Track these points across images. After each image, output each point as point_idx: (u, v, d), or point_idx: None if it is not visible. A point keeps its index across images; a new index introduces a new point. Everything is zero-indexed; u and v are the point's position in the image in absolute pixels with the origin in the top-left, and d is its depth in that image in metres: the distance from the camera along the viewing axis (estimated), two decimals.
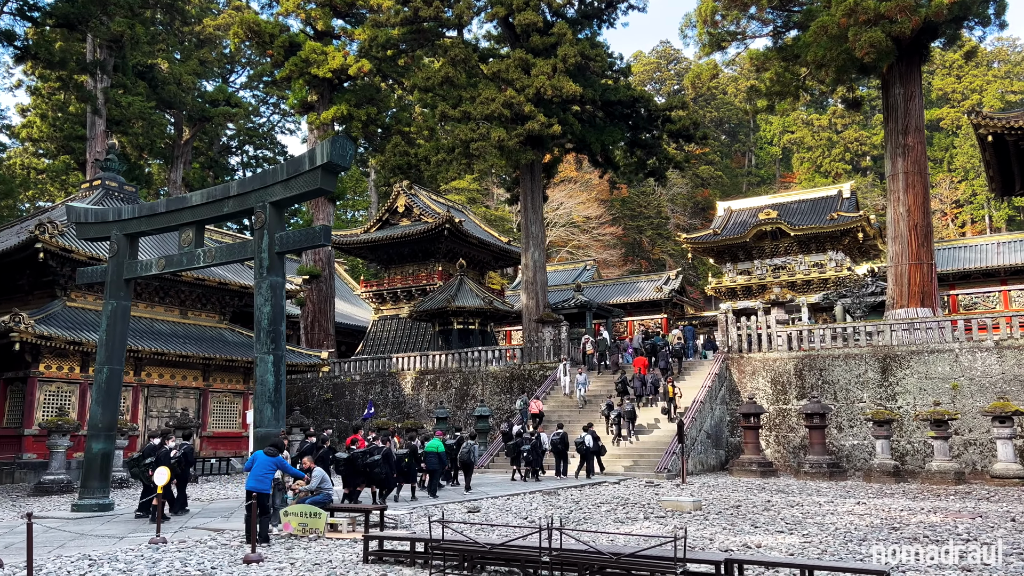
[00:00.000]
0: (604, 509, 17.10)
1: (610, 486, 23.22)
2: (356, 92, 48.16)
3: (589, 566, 8.13)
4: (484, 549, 8.84)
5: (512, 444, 24.25)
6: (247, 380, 35.85)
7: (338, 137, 14.62)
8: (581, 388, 30.67)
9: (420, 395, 37.33)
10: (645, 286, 53.18)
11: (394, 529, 13.61)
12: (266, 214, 15.31)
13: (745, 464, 27.69)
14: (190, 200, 16.53)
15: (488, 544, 8.89)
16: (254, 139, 75.01)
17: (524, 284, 39.86)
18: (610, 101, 40.24)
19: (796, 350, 30.33)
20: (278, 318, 15.09)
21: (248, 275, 36.71)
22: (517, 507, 17.62)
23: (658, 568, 7.75)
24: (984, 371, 26.89)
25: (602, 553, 8.15)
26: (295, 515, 12.88)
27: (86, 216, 18.23)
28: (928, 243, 31.83)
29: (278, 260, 15.34)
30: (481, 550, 8.88)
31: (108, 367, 17.33)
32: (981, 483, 24.10)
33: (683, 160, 43.27)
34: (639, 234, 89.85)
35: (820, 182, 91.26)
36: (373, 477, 17.04)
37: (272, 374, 14.83)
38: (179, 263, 16.71)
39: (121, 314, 17.64)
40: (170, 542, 12.27)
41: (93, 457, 17.02)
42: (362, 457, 16.94)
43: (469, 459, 21.31)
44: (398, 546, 10.82)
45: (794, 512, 16.67)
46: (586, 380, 30.86)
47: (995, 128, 30.81)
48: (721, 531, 13.59)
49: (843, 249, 49.08)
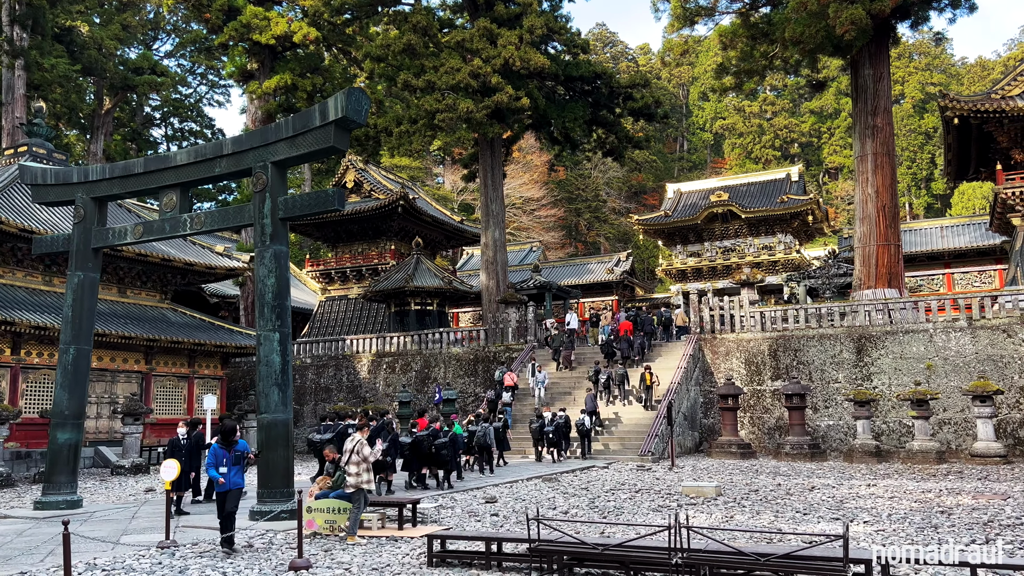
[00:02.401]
0: (623, 496, 16.14)
1: (600, 470, 22.36)
2: (300, 61, 45.79)
3: (731, 569, 7.10)
4: (594, 550, 7.68)
5: (537, 427, 23.94)
6: (192, 363, 33.65)
7: (354, 89, 13.09)
8: (539, 387, 28.51)
9: (377, 378, 35.73)
10: (596, 267, 52.60)
11: (423, 524, 12.31)
12: (267, 175, 13.66)
13: (724, 446, 27.25)
14: (174, 159, 14.68)
15: (600, 544, 7.73)
16: (180, 111, 71.17)
17: (484, 264, 38.60)
18: (572, 77, 39.22)
19: (770, 330, 30.04)
20: (283, 291, 13.50)
21: (193, 251, 34.41)
22: (528, 495, 16.49)
23: (820, 570, 6.77)
24: (958, 351, 27.06)
25: (744, 554, 7.11)
26: (320, 511, 11.45)
27: (45, 177, 16.11)
28: (896, 224, 31.95)
29: (282, 227, 13.71)
30: (590, 551, 7.72)
31: (75, 347, 15.34)
32: (962, 462, 24.20)
33: (643, 139, 42.59)
34: (577, 217, 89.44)
35: (751, 168, 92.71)
36: (440, 460, 17.15)
37: (278, 354, 13.25)
38: (160, 230, 14.84)
39: (89, 287, 15.64)
40: (181, 544, 10.69)
41: (59, 448, 15.07)
42: (428, 441, 16.58)
43: (486, 442, 20.48)
44: (464, 546, 9.57)
45: (819, 496, 16.05)
46: (545, 378, 29.02)
47: (962, 111, 31.13)
48: (775, 520, 12.77)
49: (792, 232, 49.47)
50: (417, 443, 16.70)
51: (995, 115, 30.69)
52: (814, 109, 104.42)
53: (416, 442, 16.69)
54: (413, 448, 16.68)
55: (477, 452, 20.58)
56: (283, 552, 10.27)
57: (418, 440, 16.66)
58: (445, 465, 17.32)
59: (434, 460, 17.12)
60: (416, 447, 16.70)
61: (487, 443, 20.52)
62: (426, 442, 16.62)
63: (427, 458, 17.02)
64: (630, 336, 30.01)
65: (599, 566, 7.93)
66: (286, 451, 13.10)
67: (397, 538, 11.12)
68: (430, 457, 16.99)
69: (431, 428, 17.20)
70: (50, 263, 30.15)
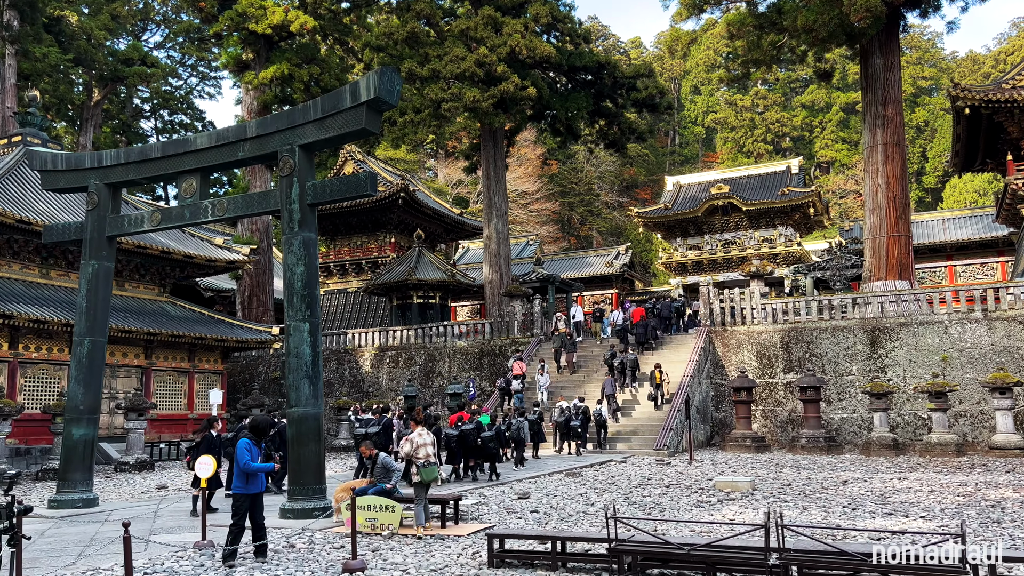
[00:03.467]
0: (656, 491, 15.70)
1: (619, 464, 21.94)
2: (296, 51, 45.00)
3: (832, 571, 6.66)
4: (679, 551, 7.21)
5: (563, 420, 23.86)
6: (192, 358, 32.99)
7: (386, 68, 12.53)
8: (542, 391, 28.08)
9: (380, 372, 35.16)
10: (595, 260, 52.17)
11: (465, 522, 11.81)
12: (295, 159, 13.08)
13: (738, 439, 26.91)
14: (194, 143, 14.06)
15: (686, 544, 7.26)
16: (170, 103, 70.05)
17: (487, 256, 38.09)
18: (575, 67, 38.73)
19: (781, 323, 29.70)
20: (312, 280, 12.94)
21: (192, 243, 33.71)
22: (558, 491, 16.02)
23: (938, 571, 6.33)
24: (974, 343, 26.81)
25: (849, 554, 6.66)
26: (360, 508, 10.91)
27: (55, 162, 15.45)
28: (906, 215, 31.69)
29: (310, 213, 13.15)
30: (675, 552, 7.24)
31: (90, 339, 14.72)
32: (980, 455, 23.94)
33: (646, 131, 42.15)
34: (570, 211, 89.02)
35: (743, 162, 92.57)
36: (487, 452, 17.27)
37: (309, 345, 12.69)
38: (180, 217, 14.23)
39: (104, 277, 15.01)
40: (217, 544, 10.14)
41: (74, 444, 14.46)
42: (474, 433, 16.65)
43: (519, 435, 20.33)
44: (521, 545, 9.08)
45: (856, 490, 15.69)
46: (547, 381, 28.48)
47: (973, 100, 30.88)
48: (826, 516, 12.37)
49: (792, 224, 49.20)
50: (464, 436, 16.83)
51: (1006, 105, 30.44)
52: (806, 103, 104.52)
53: (463, 435, 16.80)
54: (460, 441, 16.82)
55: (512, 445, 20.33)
56: (328, 553, 9.75)
57: (465, 433, 16.78)
58: (492, 457, 17.46)
59: (481, 452, 17.26)
60: (463, 440, 16.84)
61: (521, 436, 20.19)
62: (472, 435, 16.68)
63: (474, 450, 17.22)
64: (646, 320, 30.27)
65: (685, 567, 7.46)
66: (317, 446, 12.57)
67: (444, 537, 10.63)
68: (477, 449, 17.16)
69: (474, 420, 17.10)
70: (47, 255, 29.42)
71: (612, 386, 26.63)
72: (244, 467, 9.20)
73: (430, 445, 11.47)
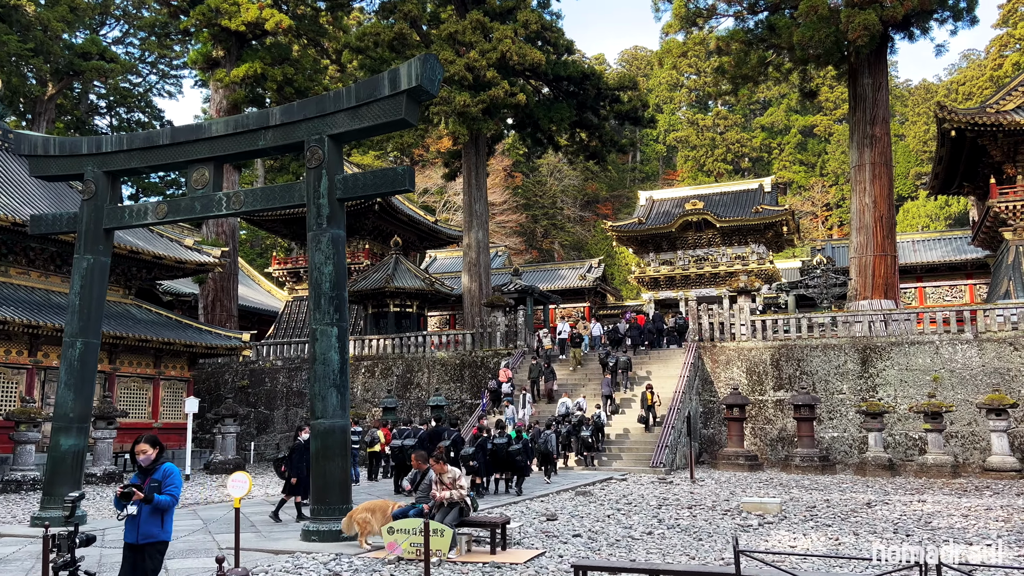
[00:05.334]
0: (686, 513, 14.96)
1: (620, 482, 21.20)
2: (269, 50, 43.69)
3: None
4: None
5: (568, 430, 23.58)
6: (159, 364, 31.36)
7: (429, 56, 11.63)
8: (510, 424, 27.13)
9: (356, 383, 33.88)
10: (568, 273, 51.61)
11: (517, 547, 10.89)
12: (324, 150, 12.08)
13: (731, 457, 26.43)
14: (208, 129, 12.95)
15: None
16: (128, 100, 67.68)
17: (467, 266, 37.19)
18: (559, 76, 38.18)
19: (772, 339, 29.39)
20: (341, 281, 11.93)
21: (162, 244, 32.13)
22: (583, 511, 15.17)
23: None
24: (964, 363, 26.80)
25: None
26: (403, 532, 9.95)
27: (47, 147, 14.13)
28: (892, 235, 31.77)
29: (340, 208, 12.15)
30: None
31: (82, 340, 13.43)
32: (975, 476, 23.81)
33: (627, 144, 41.77)
34: (534, 223, 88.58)
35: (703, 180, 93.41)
36: (515, 466, 17.07)
37: (337, 351, 11.66)
38: (189, 209, 13.06)
39: (99, 273, 13.73)
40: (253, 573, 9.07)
41: (62, 456, 13.12)
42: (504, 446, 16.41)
43: (547, 449, 19.80)
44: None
45: (887, 514, 15.17)
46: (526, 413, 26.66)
47: (959, 123, 31.13)
48: (900, 543, 11.76)
49: (765, 242, 49.30)
50: (496, 449, 16.51)
51: (991, 128, 30.75)
52: (765, 125, 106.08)
53: (496, 448, 16.42)
54: (492, 454, 16.35)
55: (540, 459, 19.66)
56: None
57: (499, 446, 16.22)
58: (520, 471, 17.06)
59: (510, 465, 16.94)
60: (495, 453, 16.47)
61: (548, 450, 19.43)
62: (503, 448, 16.04)
63: (503, 463, 16.99)
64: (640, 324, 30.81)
65: None
66: (344, 461, 11.54)
67: (500, 565, 9.70)
68: (506, 462, 16.88)
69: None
70: (6, 252, 27.67)
71: (609, 387, 26.70)
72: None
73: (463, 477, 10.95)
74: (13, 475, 20.20)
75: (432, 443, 16.30)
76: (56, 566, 5.04)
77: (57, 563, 5.03)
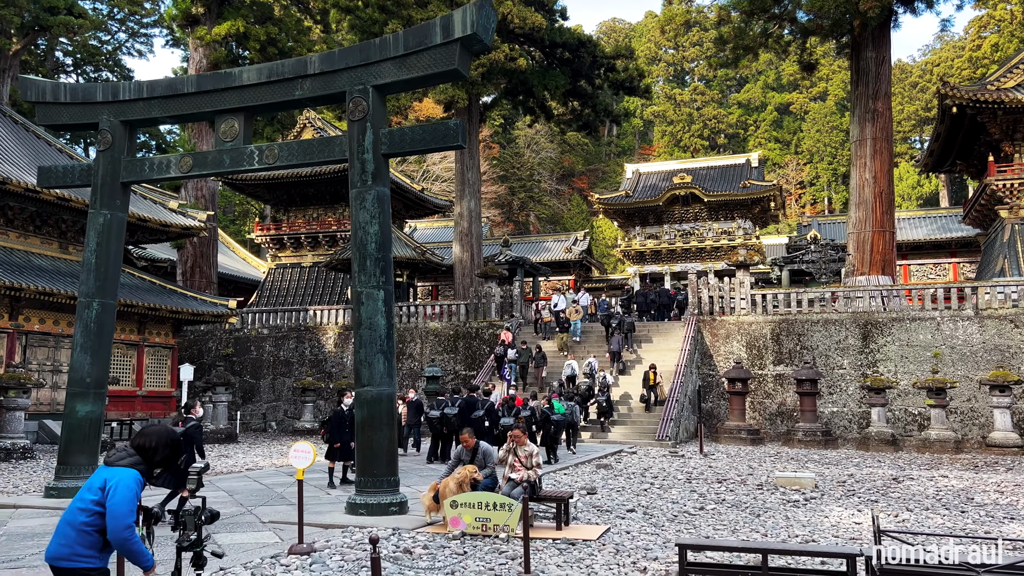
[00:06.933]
0: (721, 488, 14.61)
1: (630, 455, 20.85)
2: (251, 8, 42.29)
3: None
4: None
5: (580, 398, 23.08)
6: (143, 330, 30.30)
7: (484, 2, 10.91)
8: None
9: (345, 352, 33.12)
10: (553, 246, 51.10)
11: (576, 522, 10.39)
12: (368, 102, 11.32)
13: (733, 431, 26.30)
14: (239, 77, 12.07)
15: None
16: (96, 58, 65.34)
17: (458, 235, 36.46)
18: (555, 43, 37.34)
19: (772, 314, 29.21)
20: (387, 241, 11.24)
21: (145, 205, 30.93)
22: (615, 484, 14.75)
23: None
24: (965, 340, 26.85)
25: None
26: (467, 507, 9.40)
27: (56, 93, 13.13)
28: (891, 211, 31.70)
29: (384, 164, 11.42)
30: None
31: (99, 301, 12.58)
32: (978, 452, 23.91)
33: (620, 113, 41.18)
34: (511, 196, 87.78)
35: (679, 155, 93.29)
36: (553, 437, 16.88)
37: (383, 315, 11.00)
38: (217, 163, 12.22)
39: (116, 230, 12.85)
40: (319, 550, 8.45)
41: (78, 423, 12.32)
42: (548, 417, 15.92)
43: (574, 419, 19.29)
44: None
45: (921, 489, 14.98)
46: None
47: (961, 100, 30.99)
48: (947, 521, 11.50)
49: (751, 218, 49.21)
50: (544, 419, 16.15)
51: (991, 105, 30.66)
52: (741, 101, 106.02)
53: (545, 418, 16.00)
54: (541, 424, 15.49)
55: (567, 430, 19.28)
56: (461, 561, 8.20)
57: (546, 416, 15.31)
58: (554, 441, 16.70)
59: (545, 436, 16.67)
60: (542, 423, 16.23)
61: (575, 420, 18.98)
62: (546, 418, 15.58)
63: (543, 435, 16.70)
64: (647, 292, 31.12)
65: None
66: (391, 431, 10.93)
67: (573, 541, 9.20)
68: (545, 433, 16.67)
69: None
70: None
71: (618, 344, 27.01)
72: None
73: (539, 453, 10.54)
74: (3, 443, 19.25)
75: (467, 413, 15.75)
76: (181, 546, 4.40)
77: (182, 543, 4.38)
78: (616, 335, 27.10)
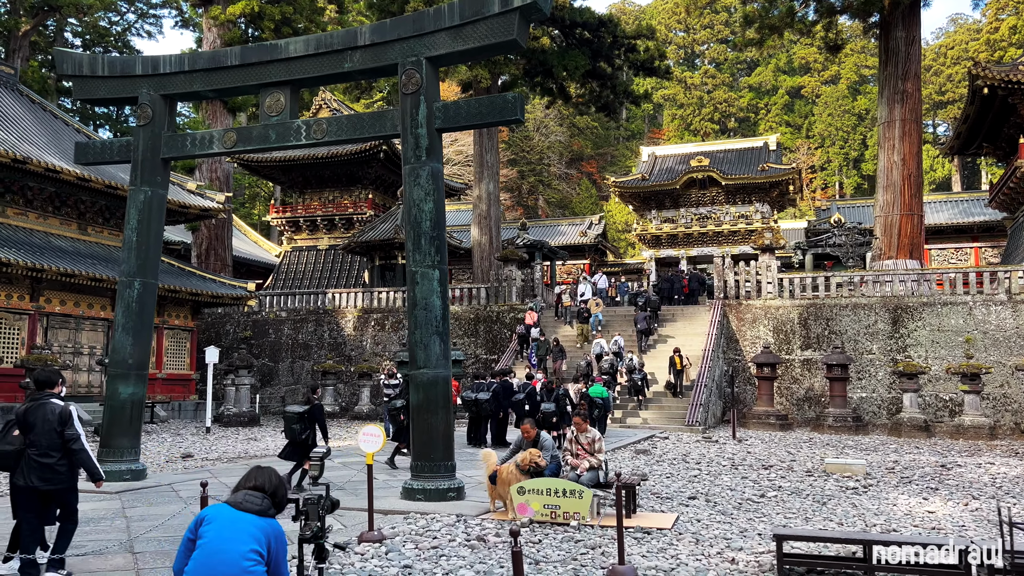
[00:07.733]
0: (774, 476, 14.28)
1: (662, 439, 20.57)
2: None
3: None
4: None
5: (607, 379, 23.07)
6: (162, 312, 29.97)
7: None
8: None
9: (364, 336, 32.83)
10: (568, 229, 50.67)
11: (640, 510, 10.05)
12: (421, 74, 10.90)
13: (761, 416, 25.98)
14: (285, 49, 11.66)
15: None
16: (105, 39, 64.77)
17: (476, 218, 36.05)
18: (575, 22, 36.74)
19: (799, 298, 28.82)
20: (441, 219, 10.86)
21: None
22: (661, 471, 14.44)
23: None
24: (998, 325, 26.45)
25: None
26: (535, 493, 9.07)
27: (94, 66, 12.73)
28: (920, 194, 31.21)
29: (438, 139, 11.02)
30: None
31: (140, 280, 12.22)
32: (1014, 439, 23.57)
33: (641, 95, 40.63)
34: (521, 179, 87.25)
35: (689, 139, 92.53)
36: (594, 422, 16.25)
37: (439, 296, 10.64)
38: (263, 138, 11.82)
39: (157, 207, 12.49)
40: (390, 538, 8.12)
41: (120, 405, 11.99)
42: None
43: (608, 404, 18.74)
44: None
45: (977, 476, 14.65)
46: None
47: (993, 80, 30.42)
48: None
49: (769, 202, 48.66)
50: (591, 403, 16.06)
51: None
52: (752, 85, 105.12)
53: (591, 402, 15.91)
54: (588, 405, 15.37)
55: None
56: (542, 551, 7.87)
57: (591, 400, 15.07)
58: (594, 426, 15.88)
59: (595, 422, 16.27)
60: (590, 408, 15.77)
61: (608, 403, 18.64)
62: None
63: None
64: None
65: None
66: (447, 414, 10.59)
67: (648, 529, 8.87)
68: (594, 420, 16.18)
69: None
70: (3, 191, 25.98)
71: (646, 322, 26.85)
72: None
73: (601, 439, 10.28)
74: None
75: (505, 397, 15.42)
76: (304, 537, 4.07)
77: (305, 534, 4.04)
78: (641, 314, 27.05)
